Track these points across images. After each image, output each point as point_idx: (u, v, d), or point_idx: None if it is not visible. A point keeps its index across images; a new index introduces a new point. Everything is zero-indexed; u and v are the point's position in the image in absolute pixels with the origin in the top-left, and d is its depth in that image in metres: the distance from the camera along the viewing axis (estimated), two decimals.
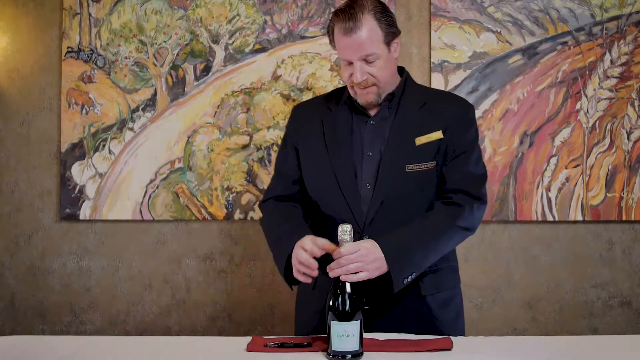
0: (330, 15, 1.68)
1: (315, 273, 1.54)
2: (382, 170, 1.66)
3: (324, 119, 1.77)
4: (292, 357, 1.44)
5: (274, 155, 2.58)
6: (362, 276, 1.49)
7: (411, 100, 1.73)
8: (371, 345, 1.47)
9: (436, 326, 1.68)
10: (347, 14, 1.62)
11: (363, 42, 1.61)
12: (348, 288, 1.42)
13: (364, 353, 1.42)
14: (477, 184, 1.70)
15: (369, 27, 1.61)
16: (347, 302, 1.40)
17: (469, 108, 1.76)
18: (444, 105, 1.73)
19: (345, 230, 1.46)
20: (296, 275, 1.59)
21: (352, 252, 1.49)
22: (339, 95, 1.79)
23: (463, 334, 1.77)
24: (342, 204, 1.68)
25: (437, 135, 1.68)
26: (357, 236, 1.65)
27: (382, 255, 1.53)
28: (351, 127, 1.73)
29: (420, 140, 1.68)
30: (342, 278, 1.46)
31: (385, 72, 1.67)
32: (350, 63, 1.65)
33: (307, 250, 1.55)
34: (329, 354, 1.40)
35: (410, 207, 1.67)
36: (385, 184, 1.65)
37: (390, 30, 1.66)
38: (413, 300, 1.68)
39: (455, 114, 1.72)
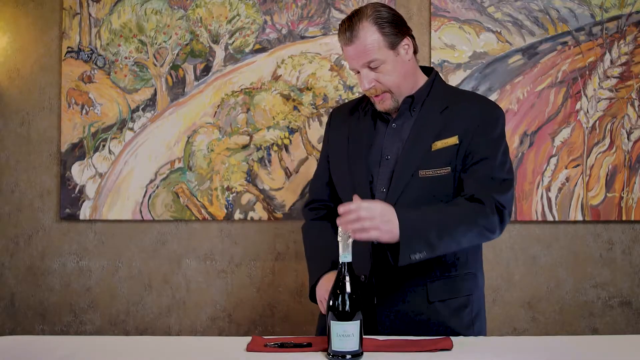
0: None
1: None
2: (396, 175, 1.65)
3: (351, 124, 1.79)
4: (292, 357, 1.44)
5: (274, 155, 2.58)
6: (373, 235, 1.46)
7: (434, 103, 1.70)
8: (371, 345, 1.47)
9: (447, 333, 1.64)
10: (345, 25, 1.63)
11: (362, 50, 1.61)
12: (348, 288, 1.42)
13: (364, 353, 1.42)
14: (495, 189, 1.61)
15: (367, 34, 1.61)
16: (347, 302, 1.40)
17: (492, 110, 1.69)
18: (464, 110, 1.68)
19: (345, 231, 1.45)
20: (322, 310, 1.69)
21: (366, 208, 1.46)
22: (368, 100, 1.78)
23: None
24: None
25: (453, 140, 1.63)
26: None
27: (397, 221, 1.49)
28: (373, 132, 1.73)
29: (437, 145, 1.64)
30: (353, 235, 1.44)
31: (394, 77, 1.65)
32: (359, 72, 1.66)
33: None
34: (329, 354, 1.40)
35: None
36: (398, 189, 1.64)
37: (395, 33, 1.63)
38: (421, 305, 1.66)
39: (474, 116, 1.66)
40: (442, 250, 1.58)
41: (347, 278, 1.43)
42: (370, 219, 1.45)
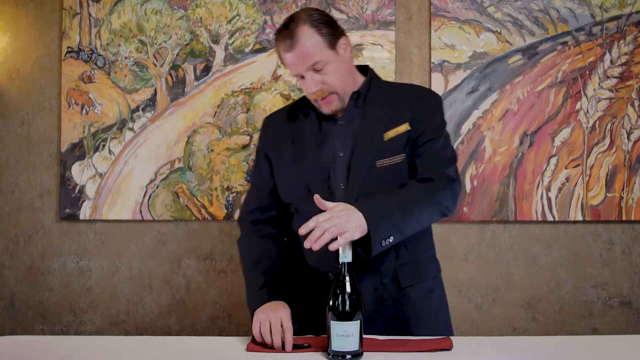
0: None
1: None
2: (353, 168, 1.67)
3: (292, 127, 1.78)
4: (292, 357, 1.44)
5: None
6: (347, 237, 1.44)
7: (377, 97, 1.74)
8: (371, 345, 1.47)
9: (419, 317, 1.69)
10: (284, 32, 1.65)
11: (305, 53, 1.63)
12: (348, 288, 1.42)
13: (364, 353, 1.42)
14: (445, 165, 1.69)
15: (307, 37, 1.63)
16: (347, 302, 1.40)
17: (434, 98, 1.77)
18: (409, 99, 1.74)
19: None
20: (255, 331, 1.57)
21: (324, 218, 1.45)
22: (306, 103, 1.78)
23: (449, 324, 1.78)
24: (315, 208, 1.64)
25: (404, 127, 1.68)
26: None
27: (360, 213, 1.49)
28: (320, 132, 1.73)
29: (389, 135, 1.68)
30: (330, 247, 1.43)
31: (339, 76, 1.67)
32: (303, 77, 1.67)
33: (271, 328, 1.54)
34: (328, 354, 1.40)
35: None
36: (357, 181, 1.66)
37: (332, 33, 1.66)
38: (393, 292, 1.68)
39: (420, 104, 1.72)
40: (407, 231, 1.59)
41: (347, 278, 1.43)
42: (334, 225, 1.44)
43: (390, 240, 1.54)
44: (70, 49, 2.62)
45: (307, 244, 1.45)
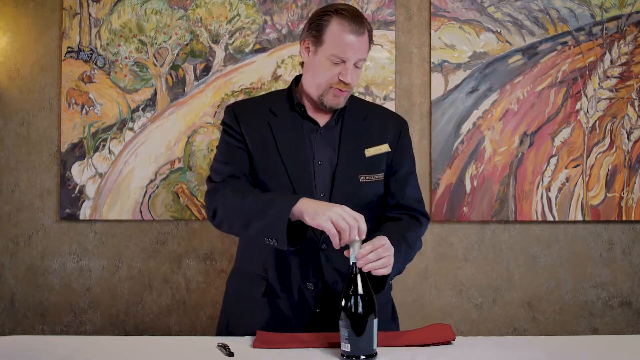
0: (321, 12, 1.64)
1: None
2: (338, 180, 1.67)
3: (271, 122, 1.70)
4: (303, 355, 1.44)
5: None
6: (385, 272, 1.47)
7: (354, 111, 1.76)
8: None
9: (394, 311, 1.81)
10: (354, 17, 1.62)
11: (363, 46, 1.65)
12: (360, 289, 1.41)
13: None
14: (422, 203, 1.79)
15: (367, 35, 1.66)
16: (360, 303, 1.40)
17: (405, 124, 1.82)
18: (385, 120, 1.79)
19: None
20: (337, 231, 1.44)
21: (383, 244, 1.47)
22: (282, 99, 1.74)
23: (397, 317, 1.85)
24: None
25: (385, 148, 1.73)
26: (315, 246, 1.65)
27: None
28: (302, 134, 1.70)
29: (370, 152, 1.72)
30: (375, 272, 1.45)
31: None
32: (340, 63, 1.62)
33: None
34: (342, 355, 1.40)
35: (364, 216, 1.64)
36: (341, 194, 1.66)
37: (370, 45, 1.70)
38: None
39: (397, 130, 1.78)
40: (402, 269, 1.67)
41: (359, 278, 1.42)
42: (386, 257, 1.47)
43: (391, 281, 1.62)
44: (70, 49, 2.62)
45: (361, 264, 1.42)
